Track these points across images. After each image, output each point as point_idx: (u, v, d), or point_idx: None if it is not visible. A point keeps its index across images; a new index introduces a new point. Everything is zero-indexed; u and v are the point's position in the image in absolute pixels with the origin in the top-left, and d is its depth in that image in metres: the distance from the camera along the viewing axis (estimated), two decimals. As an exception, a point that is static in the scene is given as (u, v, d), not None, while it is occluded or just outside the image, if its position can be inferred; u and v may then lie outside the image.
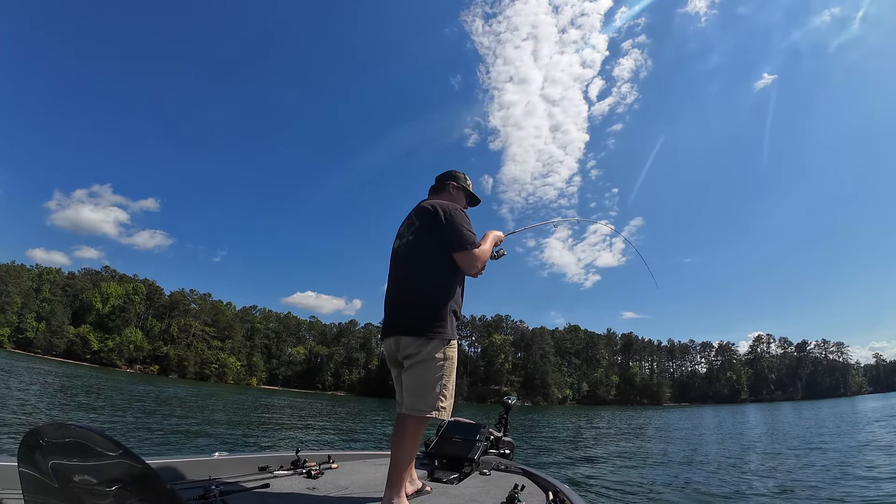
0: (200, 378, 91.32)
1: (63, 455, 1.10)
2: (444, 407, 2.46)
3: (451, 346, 2.52)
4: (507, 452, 4.22)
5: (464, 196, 2.95)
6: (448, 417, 2.58)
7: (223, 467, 2.79)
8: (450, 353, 2.51)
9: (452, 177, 2.95)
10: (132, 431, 12.28)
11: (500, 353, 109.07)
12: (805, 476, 9.87)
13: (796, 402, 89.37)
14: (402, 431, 2.44)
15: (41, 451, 1.12)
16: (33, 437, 1.13)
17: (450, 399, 2.50)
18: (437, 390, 2.45)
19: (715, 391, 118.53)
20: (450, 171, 3.00)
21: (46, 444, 1.12)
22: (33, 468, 1.14)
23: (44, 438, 1.12)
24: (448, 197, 2.88)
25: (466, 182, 2.97)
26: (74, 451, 1.08)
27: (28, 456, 1.14)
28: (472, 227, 2.62)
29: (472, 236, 2.56)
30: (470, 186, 2.98)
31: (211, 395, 37.36)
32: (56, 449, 1.11)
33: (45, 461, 1.12)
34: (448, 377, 2.50)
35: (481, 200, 3.06)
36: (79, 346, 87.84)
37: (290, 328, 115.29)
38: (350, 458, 3.76)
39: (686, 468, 11.52)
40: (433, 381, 2.45)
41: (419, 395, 2.44)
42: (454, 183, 2.93)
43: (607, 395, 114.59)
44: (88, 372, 52.86)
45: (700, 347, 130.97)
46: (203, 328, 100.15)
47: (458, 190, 2.94)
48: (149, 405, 20.90)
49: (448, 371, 2.50)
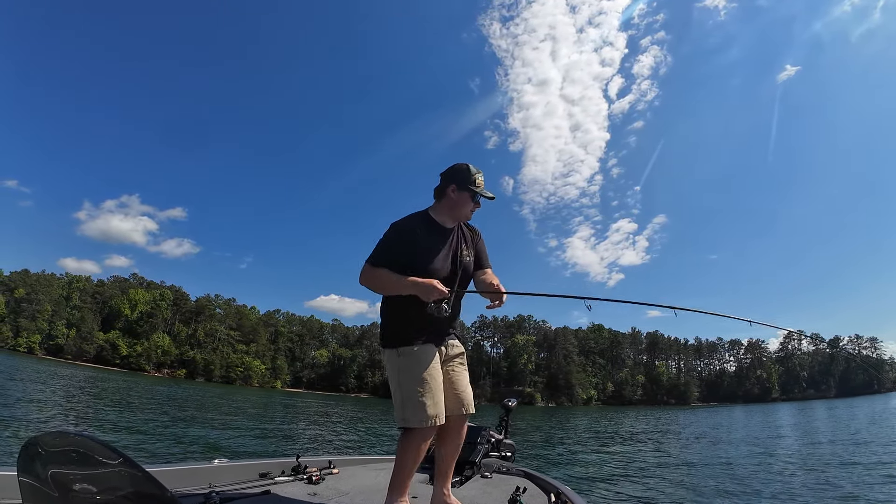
0: (226, 381, 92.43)
1: (62, 464, 1.09)
2: (409, 417, 2.30)
3: (402, 353, 2.41)
4: (508, 455, 4.22)
5: (468, 197, 2.58)
6: (420, 425, 2.31)
7: (223, 474, 2.76)
8: (402, 362, 2.40)
9: (452, 178, 2.59)
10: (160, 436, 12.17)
11: (523, 353, 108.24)
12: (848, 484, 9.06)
13: (829, 401, 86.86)
14: (398, 443, 2.41)
15: (40, 461, 1.11)
16: (32, 446, 1.12)
17: (415, 407, 2.30)
18: (398, 401, 2.38)
19: (745, 390, 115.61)
20: (451, 170, 2.64)
21: (46, 452, 1.10)
22: (33, 477, 1.13)
23: (43, 447, 1.11)
24: (448, 202, 2.60)
25: (471, 177, 2.57)
26: (74, 460, 1.07)
27: (27, 465, 1.13)
28: (395, 249, 2.46)
29: (375, 253, 2.47)
30: (477, 181, 2.59)
31: (242, 399, 37.61)
32: (55, 458, 1.09)
33: (45, 470, 1.11)
34: (406, 385, 2.36)
35: (494, 197, 2.64)
36: (108, 352, 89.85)
37: (314, 331, 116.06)
38: (351, 464, 3.74)
39: (703, 473, 10.92)
40: (394, 390, 2.41)
41: (395, 407, 2.42)
42: (454, 185, 2.58)
43: (633, 395, 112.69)
44: (118, 377, 53.86)
45: (728, 345, 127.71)
46: (228, 332, 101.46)
47: (460, 192, 2.57)
48: (186, 410, 20.93)
49: (404, 379, 2.37)
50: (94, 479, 1.06)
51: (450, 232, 2.61)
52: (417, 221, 2.58)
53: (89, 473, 1.06)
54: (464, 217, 2.62)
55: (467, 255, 2.60)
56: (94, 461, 1.05)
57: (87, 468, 1.06)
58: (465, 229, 2.69)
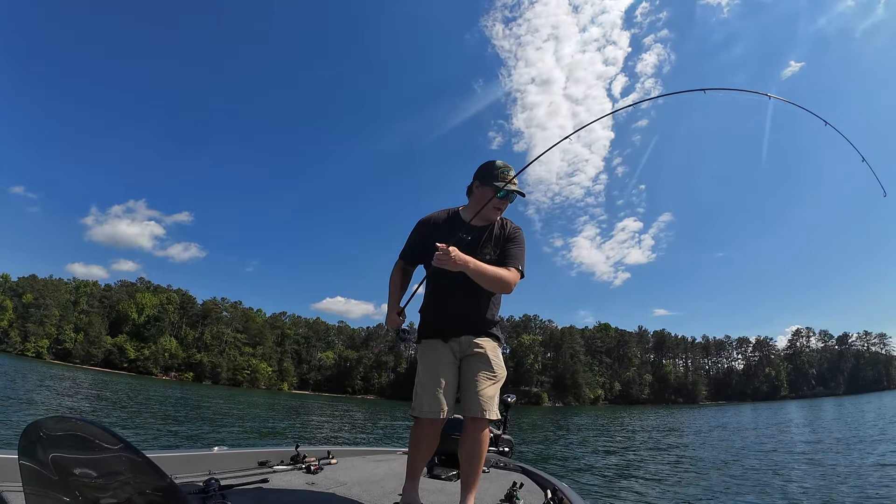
0: (233, 384, 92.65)
1: (63, 448, 1.09)
2: (413, 406, 2.48)
3: (418, 346, 2.60)
4: (506, 450, 4.27)
5: (490, 192, 2.52)
6: (413, 413, 2.49)
7: (223, 462, 2.80)
8: (418, 354, 2.60)
9: (478, 174, 2.63)
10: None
11: (530, 353, 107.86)
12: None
13: (839, 398, 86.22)
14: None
15: (41, 444, 1.11)
16: (34, 430, 1.12)
17: (414, 398, 2.49)
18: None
19: (753, 388, 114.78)
20: (480, 167, 2.66)
21: (47, 436, 1.11)
22: (34, 461, 1.14)
23: (44, 431, 1.11)
24: (473, 198, 2.65)
25: (495, 171, 2.55)
26: (75, 444, 1.07)
27: (28, 449, 1.14)
28: (413, 241, 2.67)
29: (404, 247, 2.69)
30: (500, 176, 2.54)
31: (247, 402, 37.66)
32: (56, 442, 1.10)
33: (46, 454, 1.11)
34: (417, 376, 2.53)
35: (523, 193, 2.58)
36: (116, 356, 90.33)
37: (320, 333, 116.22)
38: (349, 455, 3.82)
39: (707, 472, 10.72)
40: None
41: None
42: (477, 182, 2.61)
43: (640, 394, 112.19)
44: (126, 380, 54.00)
45: (736, 343, 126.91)
46: (235, 335, 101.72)
47: (482, 188, 2.58)
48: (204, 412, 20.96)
49: (418, 370, 2.55)
50: (94, 463, 1.07)
51: (474, 230, 2.56)
52: (442, 216, 2.65)
53: (90, 458, 1.07)
54: (491, 213, 2.55)
55: (488, 254, 2.51)
56: (95, 446, 1.05)
57: (87, 453, 1.06)
58: (500, 229, 2.61)
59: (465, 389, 2.45)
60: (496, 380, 2.46)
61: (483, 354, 2.47)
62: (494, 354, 2.50)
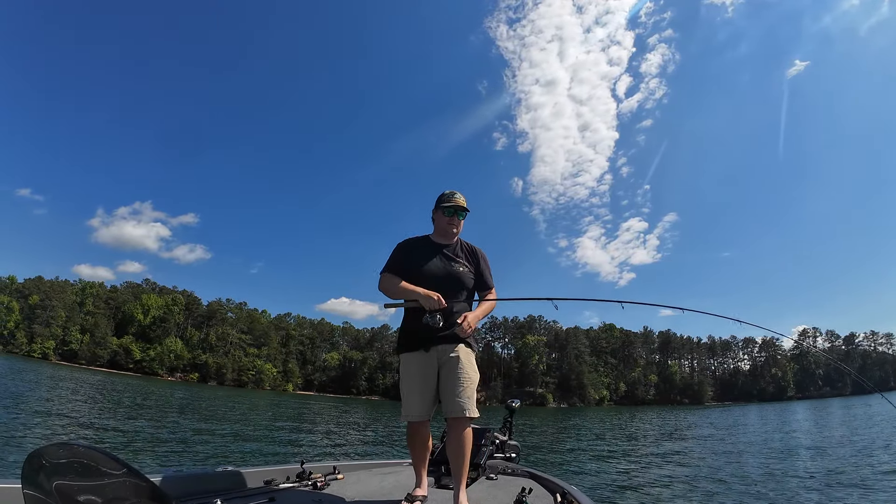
0: (238, 385, 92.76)
1: (67, 475, 1.10)
2: (402, 412, 2.87)
3: (400, 359, 2.95)
4: (512, 456, 4.29)
5: (441, 213, 3.06)
6: (411, 419, 2.85)
7: (228, 481, 2.81)
8: (400, 366, 2.94)
9: (435, 204, 3.12)
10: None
11: (534, 354, 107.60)
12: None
13: (846, 398, 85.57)
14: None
15: (45, 472, 1.11)
16: (36, 458, 1.12)
17: (404, 403, 2.86)
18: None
19: (760, 389, 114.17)
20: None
21: (49, 464, 1.11)
22: (37, 489, 1.13)
23: (47, 459, 1.11)
24: (435, 224, 3.14)
25: (444, 197, 3.07)
26: (78, 471, 1.08)
27: (32, 477, 1.13)
28: (397, 258, 3.01)
29: (386, 263, 3.01)
30: (447, 199, 3.05)
31: (252, 405, 37.58)
32: (59, 469, 1.10)
33: (49, 482, 1.11)
34: (403, 384, 2.88)
35: (457, 205, 3.03)
36: (122, 357, 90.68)
37: (324, 334, 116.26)
38: (355, 469, 3.82)
39: (711, 472, 10.64)
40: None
41: None
42: (434, 209, 3.12)
43: (646, 394, 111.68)
44: (131, 381, 54.17)
45: (742, 343, 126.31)
46: (240, 336, 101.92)
47: (437, 213, 3.10)
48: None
49: (400, 380, 2.92)
50: (98, 489, 1.07)
51: (443, 246, 3.04)
52: (418, 240, 3.12)
53: (93, 484, 1.07)
54: (449, 232, 3.04)
55: (461, 266, 2.97)
56: (99, 472, 1.05)
57: (91, 479, 1.06)
58: (467, 248, 3.11)
59: (444, 393, 2.77)
60: (472, 382, 2.79)
61: (459, 359, 2.80)
62: (468, 360, 2.84)
